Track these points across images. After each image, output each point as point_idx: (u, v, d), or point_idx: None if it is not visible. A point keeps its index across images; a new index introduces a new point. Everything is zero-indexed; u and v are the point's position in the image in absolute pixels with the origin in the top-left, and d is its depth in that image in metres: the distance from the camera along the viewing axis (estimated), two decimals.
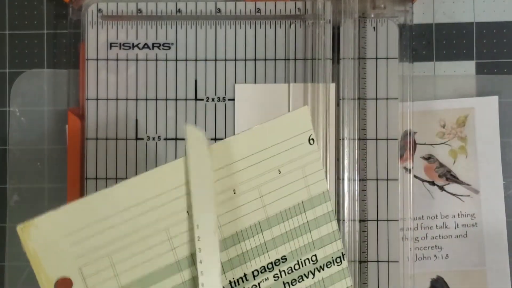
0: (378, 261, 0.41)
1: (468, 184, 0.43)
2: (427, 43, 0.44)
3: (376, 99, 0.42)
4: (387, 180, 0.41)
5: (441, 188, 0.43)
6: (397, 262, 0.41)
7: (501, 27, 0.44)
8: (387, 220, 0.41)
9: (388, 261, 0.41)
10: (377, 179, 0.42)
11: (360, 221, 0.41)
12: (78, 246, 0.31)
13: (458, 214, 0.43)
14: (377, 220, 0.41)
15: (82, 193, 0.42)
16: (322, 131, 0.41)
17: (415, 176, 0.43)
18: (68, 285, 0.31)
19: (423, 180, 0.43)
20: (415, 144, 0.43)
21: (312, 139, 0.35)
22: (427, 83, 0.44)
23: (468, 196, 0.43)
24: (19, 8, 0.45)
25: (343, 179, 0.41)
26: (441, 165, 0.43)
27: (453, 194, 0.43)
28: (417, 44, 0.44)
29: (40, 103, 0.44)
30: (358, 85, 0.42)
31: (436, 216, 0.43)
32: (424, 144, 0.43)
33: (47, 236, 0.31)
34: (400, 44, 0.42)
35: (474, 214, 0.43)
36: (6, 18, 0.45)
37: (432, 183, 0.43)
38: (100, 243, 0.32)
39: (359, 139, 0.42)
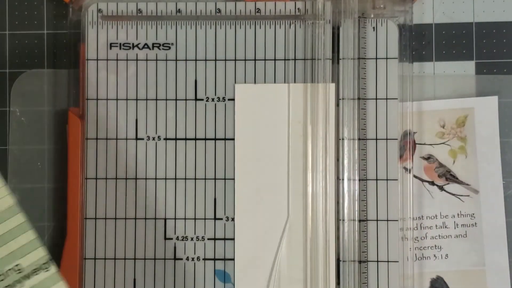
0: (378, 261, 0.41)
1: (467, 184, 0.43)
2: (427, 43, 0.44)
3: (376, 99, 0.42)
4: (387, 180, 0.42)
5: (441, 188, 0.43)
6: (397, 262, 0.41)
7: (501, 27, 0.44)
8: (387, 220, 0.41)
9: (388, 261, 0.41)
10: (376, 179, 0.42)
11: (360, 221, 0.41)
12: None
13: (458, 214, 0.43)
14: (377, 220, 0.41)
15: (82, 193, 0.42)
16: (322, 131, 0.41)
17: (414, 176, 0.43)
18: None
19: (422, 180, 0.43)
20: (414, 144, 0.43)
21: None
22: (427, 83, 0.44)
23: (468, 196, 0.43)
24: (19, 8, 0.45)
25: (343, 179, 0.41)
26: (441, 165, 0.43)
27: (453, 194, 0.43)
28: (417, 44, 0.44)
29: (40, 103, 0.44)
30: (358, 85, 0.42)
31: (436, 216, 0.43)
32: (424, 144, 0.43)
33: None
34: (400, 44, 0.42)
35: (473, 214, 0.43)
36: (6, 18, 0.45)
37: (432, 183, 0.43)
38: None
39: (359, 139, 0.42)
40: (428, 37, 0.44)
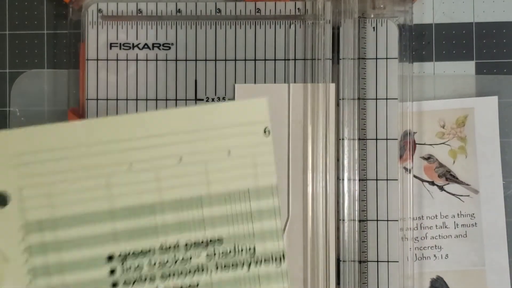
0: (377, 261, 0.41)
1: (467, 184, 0.43)
2: (427, 43, 0.44)
3: (376, 99, 0.42)
4: (387, 180, 0.42)
5: (441, 188, 0.43)
6: (397, 262, 0.41)
7: (501, 27, 0.44)
8: (387, 220, 0.41)
9: (388, 261, 0.41)
10: (376, 179, 0.42)
11: (359, 221, 0.41)
12: (24, 168, 0.33)
13: (458, 214, 0.43)
14: (377, 220, 0.41)
15: None
16: (322, 131, 0.41)
17: (414, 176, 0.43)
18: (1, 202, 0.33)
19: (422, 180, 0.43)
20: (414, 144, 0.43)
21: (268, 131, 0.35)
22: (427, 83, 0.44)
23: (468, 196, 0.43)
24: (19, 8, 0.45)
25: (343, 179, 0.41)
26: (441, 165, 0.43)
27: (453, 194, 0.43)
28: (417, 44, 0.44)
29: (40, 103, 0.44)
30: (358, 85, 0.42)
31: (436, 216, 0.43)
32: (424, 144, 0.43)
33: None
34: (400, 44, 0.42)
35: (473, 214, 0.43)
36: (6, 18, 0.45)
37: (432, 183, 0.43)
38: (44, 171, 0.33)
39: (359, 139, 0.42)
40: (428, 37, 0.44)
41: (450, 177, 0.43)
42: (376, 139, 0.42)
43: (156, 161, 0.34)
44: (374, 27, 0.42)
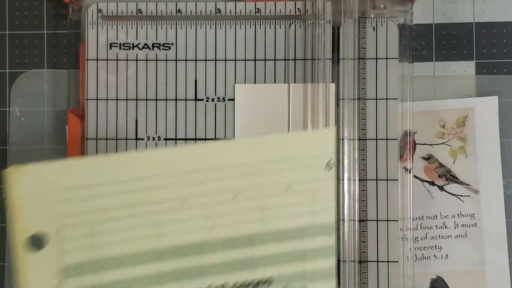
0: (377, 261, 0.41)
1: (467, 184, 0.43)
2: (426, 43, 0.44)
3: (376, 99, 0.42)
4: (387, 180, 0.42)
5: (441, 188, 0.43)
6: (397, 262, 0.41)
7: (501, 27, 0.44)
8: (387, 220, 0.41)
9: (388, 261, 0.41)
10: (377, 179, 0.42)
11: (360, 221, 0.41)
12: (65, 205, 0.30)
13: (458, 214, 0.43)
14: (377, 220, 0.41)
15: None
16: None
17: (414, 176, 0.43)
18: (38, 244, 0.30)
19: (422, 180, 0.43)
20: (414, 144, 0.43)
21: (331, 164, 0.32)
22: (426, 83, 0.44)
23: (468, 196, 0.43)
24: (19, 8, 0.45)
25: (343, 179, 0.41)
26: (441, 165, 0.43)
27: (453, 194, 0.43)
28: (417, 44, 0.44)
29: (40, 103, 0.44)
30: (358, 85, 0.42)
31: (436, 216, 0.43)
32: (424, 144, 0.43)
33: (36, 186, 0.29)
34: (400, 44, 0.42)
35: (473, 214, 0.43)
36: (6, 18, 0.45)
37: (432, 183, 0.43)
38: (87, 208, 0.30)
39: (359, 139, 0.42)
40: (428, 37, 0.44)
41: (450, 177, 0.43)
42: (376, 139, 0.42)
43: (210, 197, 0.31)
44: (374, 27, 0.42)
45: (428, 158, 0.43)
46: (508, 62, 0.44)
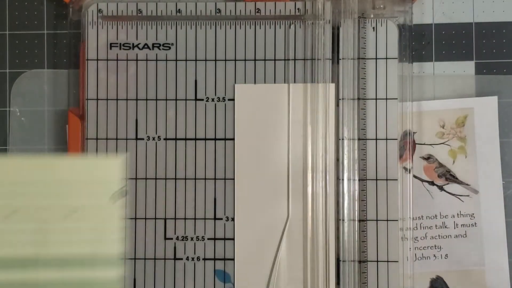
0: (377, 261, 0.41)
1: (467, 184, 0.43)
2: (426, 43, 0.44)
3: (376, 99, 0.42)
4: (387, 180, 0.42)
5: (441, 188, 0.43)
6: (397, 262, 0.41)
7: (500, 27, 0.44)
8: (387, 220, 0.41)
9: (388, 261, 0.41)
10: (376, 179, 0.42)
11: (359, 221, 0.41)
12: None
13: (458, 214, 0.43)
14: (377, 220, 0.41)
15: None
16: (322, 131, 0.41)
17: (414, 176, 0.43)
18: None
19: (422, 180, 0.43)
20: (414, 144, 0.43)
21: (117, 196, 0.31)
22: (426, 83, 0.44)
23: (468, 196, 0.43)
24: (19, 8, 0.45)
25: (343, 179, 0.41)
26: (441, 165, 0.43)
27: (453, 194, 0.43)
28: (416, 44, 0.44)
29: (40, 103, 0.44)
30: (357, 85, 0.42)
31: (436, 216, 0.43)
32: (424, 144, 0.43)
33: None
34: (400, 44, 0.42)
35: (473, 214, 0.43)
36: (6, 18, 0.45)
37: (432, 183, 0.43)
38: None
39: (359, 139, 0.42)
40: (428, 37, 0.44)
41: (450, 177, 0.43)
42: (376, 139, 0.42)
43: None
44: (374, 27, 0.42)
45: (428, 158, 0.43)
46: (507, 62, 0.44)
